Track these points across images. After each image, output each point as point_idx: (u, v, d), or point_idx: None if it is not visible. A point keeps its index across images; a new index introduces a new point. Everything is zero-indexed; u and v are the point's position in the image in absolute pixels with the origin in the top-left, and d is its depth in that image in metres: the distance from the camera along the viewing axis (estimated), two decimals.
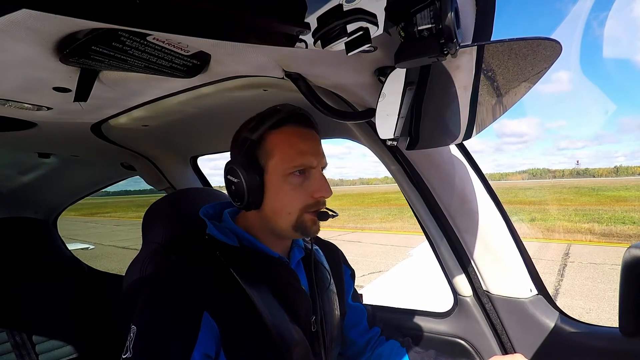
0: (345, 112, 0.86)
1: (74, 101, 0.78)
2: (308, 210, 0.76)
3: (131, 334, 0.66)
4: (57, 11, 0.37)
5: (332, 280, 0.91)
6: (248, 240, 0.78)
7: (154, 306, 0.68)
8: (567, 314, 1.04)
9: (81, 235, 14.84)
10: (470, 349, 1.15)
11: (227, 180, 0.78)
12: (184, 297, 0.67)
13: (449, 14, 0.47)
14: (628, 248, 0.84)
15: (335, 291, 0.91)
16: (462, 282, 1.13)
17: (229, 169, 0.77)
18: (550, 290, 5.47)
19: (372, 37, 0.51)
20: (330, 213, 0.78)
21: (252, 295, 0.71)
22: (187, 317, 0.65)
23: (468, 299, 1.13)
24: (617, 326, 0.88)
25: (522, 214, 19.25)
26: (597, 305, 5.55)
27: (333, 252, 1.00)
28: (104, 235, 15.38)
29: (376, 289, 4.33)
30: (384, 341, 0.99)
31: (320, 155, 0.79)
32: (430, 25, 0.49)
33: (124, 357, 0.65)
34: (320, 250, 0.95)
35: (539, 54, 0.58)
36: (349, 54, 0.51)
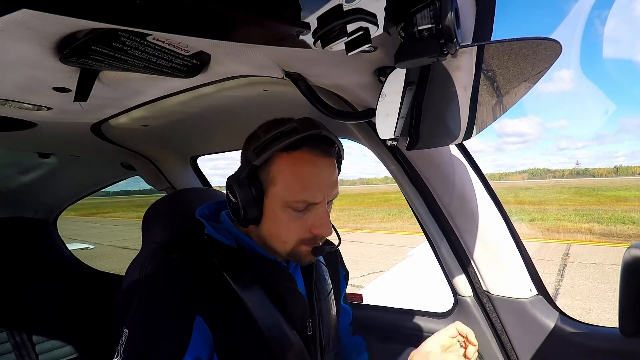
0: (345, 112, 0.86)
1: (74, 101, 0.78)
2: (304, 242, 0.73)
3: (122, 338, 0.65)
4: (57, 11, 0.37)
5: (329, 281, 0.91)
6: (245, 242, 0.78)
7: (146, 309, 0.67)
8: (567, 314, 1.04)
9: (82, 235, 14.83)
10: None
11: (227, 194, 0.75)
12: (176, 301, 0.66)
13: (449, 14, 0.47)
14: (628, 248, 0.84)
15: (333, 292, 0.91)
16: (462, 282, 1.13)
17: (229, 185, 0.74)
18: (550, 291, 5.47)
19: (372, 37, 0.51)
20: (326, 247, 0.74)
21: (247, 298, 0.70)
22: (179, 321, 0.64)
23: (468, 299, 1.13)
24: (617, 326, 0.89)
25: (522, 214, 19.23)
26: (597, 305, 5.55)
27: (331, 253, 0.99)
28: (104, 235, 15.37)
29: (376, 289, 4.33)
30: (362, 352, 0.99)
31: (329, 187, 0.72)
32: (430, 25, 0.49)
33: None
34: None
35: (539, 54, 0.58)
36: (349, 54, 0.51)
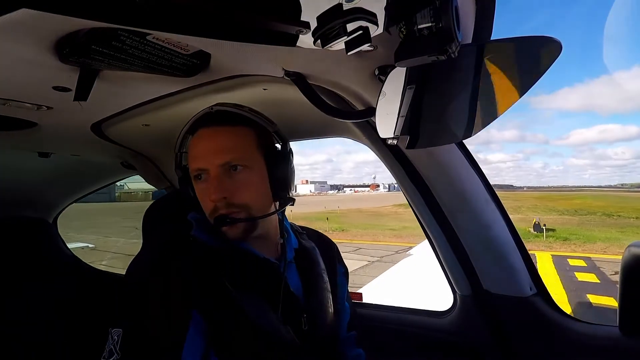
0: (345, 111, 0.86)
1: (73, 100, 0.78)
2: (212, 217, 0.75)
3: (114, 337, 0.66)
4: (57, 11, 0.38)
5: (326, 278, 0.90)
6: (232, 242, 0.78)
7: (141, 307, 0.68)
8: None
9: None
10: (470, 347, 1.15)
11: None
12: (172, 296, 0.67)
13: (448, 13, 0.48)
14: (627, 247, 0.84)
15: (329, 289, 0.90)
16: (461, 281, 1.13)
17: None
18: None
19: (372, 36, 0.51)
20: (228, 220, 0.74)
21: (240, 296, 0.71)
22: (175, 315, 0.66)
23: (468, 298, 1.13)
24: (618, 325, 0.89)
25: None
26: None
27: (329, 248, 0.99)
28: None
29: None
30: (353, 347, 0.97)
31: (213, 155, 0.74)
32: (430, 24, 0.49)
33: None
34: (316, 248, 0.94)
35: (539, 53, 0.58)
36: (349, 53, 0.51)
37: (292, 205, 0.82)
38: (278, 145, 0.83)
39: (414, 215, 1.15)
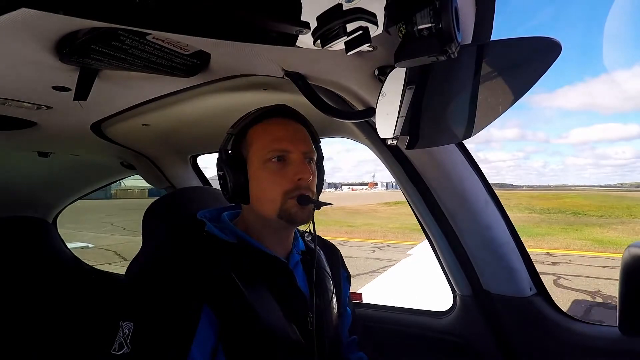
0: (345, 111, 0.87)
1: (73, 100, 0.78)
2: (290, 196, 0.76)
3: (125, 330, 0.66)
4: (57, 10, 0.38)
5: (331, 281, 0.91)
6: (245, 239, 0.79)
7: (153, 300, 0.68)
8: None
9: None
10: (470, 348, 1.16)
11: (218, 175, 0.82)
12: (183, 290, 0.68)
13: (448, 14, 0.48)
14: (627, 247, 0.84)
15: (334, 291, 0.91)
16: (461, 281, 1.13)
17: (217, 165, 0.82)
18: None
19: (371, 36, 0.51)
20: (312, 198, 0.77)
21: (248, 292, 0.72)
22: (186, 308, 0.66)
23: (468, 298, 1.13)
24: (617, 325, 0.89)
25: None
26: None
27: (333, 253, 1.00)
28: None
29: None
30: (355, 351, 0.98)
31: (298, 141, 0.79)
32: (430, 25, 0.49)
33: (118, 353, 0.65)
34: (320, 251, 0.94)
35: (539, 53, 0.58)
36: (349, 54, 0.51)
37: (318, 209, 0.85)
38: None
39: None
